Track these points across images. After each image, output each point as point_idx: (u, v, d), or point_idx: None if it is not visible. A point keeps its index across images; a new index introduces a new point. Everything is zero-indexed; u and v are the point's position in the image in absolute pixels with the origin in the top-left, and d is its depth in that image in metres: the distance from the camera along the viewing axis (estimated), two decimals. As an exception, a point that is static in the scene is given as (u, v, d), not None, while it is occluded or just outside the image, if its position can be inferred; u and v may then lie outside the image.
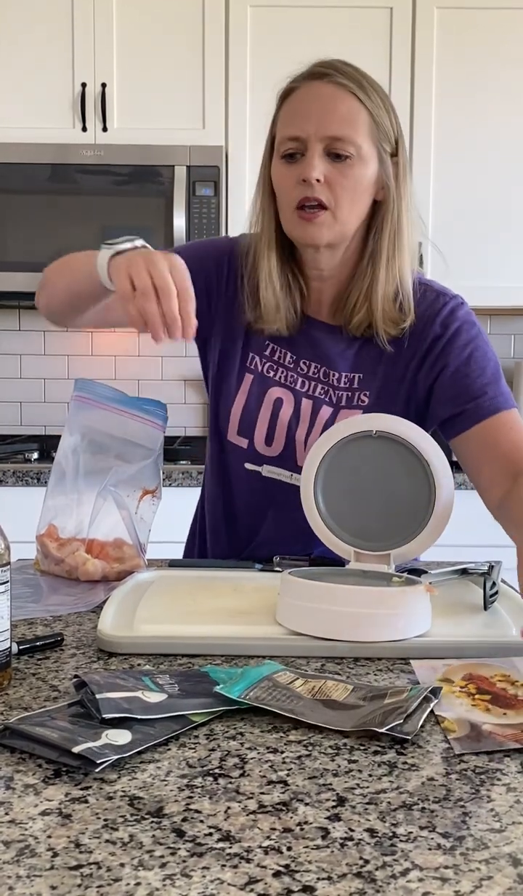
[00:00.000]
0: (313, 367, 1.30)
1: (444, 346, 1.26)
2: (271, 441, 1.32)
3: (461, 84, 2.79)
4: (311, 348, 1.31)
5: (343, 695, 0.79)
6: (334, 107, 1.19)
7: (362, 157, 1.20)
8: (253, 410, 1.32)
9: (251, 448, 1.33)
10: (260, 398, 1.32)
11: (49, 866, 0.53)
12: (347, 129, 1.18)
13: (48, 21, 2.75)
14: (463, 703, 0.79)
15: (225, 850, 0.55)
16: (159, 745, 0.70)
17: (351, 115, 1.19)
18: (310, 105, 1.20)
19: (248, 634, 0.96)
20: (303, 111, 1.20)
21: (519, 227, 2.83)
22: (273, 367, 1.32)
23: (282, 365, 1.32)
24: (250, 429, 1.32)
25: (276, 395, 1.32)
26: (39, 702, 0.80)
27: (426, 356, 1.27)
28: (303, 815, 0.60)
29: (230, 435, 1.34)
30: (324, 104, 1.20)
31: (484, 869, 0.53)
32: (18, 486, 2.55)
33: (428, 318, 1.26)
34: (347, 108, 1.19)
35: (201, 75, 2.76)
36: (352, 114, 1.19)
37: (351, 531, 1.15)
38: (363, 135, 1.20)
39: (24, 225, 2.74)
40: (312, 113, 1.19)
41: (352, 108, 1.20)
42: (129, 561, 1.26)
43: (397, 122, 1.25)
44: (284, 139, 1.21)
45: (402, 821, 0.59)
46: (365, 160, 1.20)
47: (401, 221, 1.25)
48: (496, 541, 2.75)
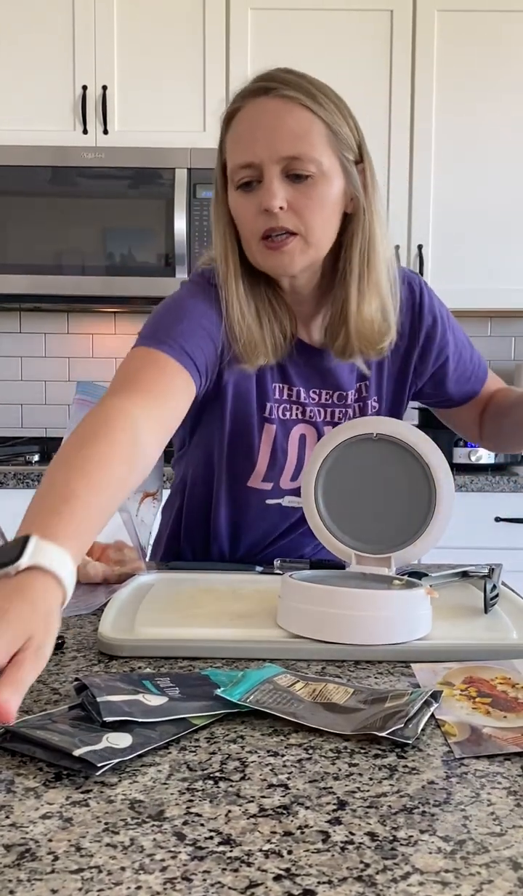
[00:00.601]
0: (325, 394, 1.28)
1: (440, 333, 1.30)
2: (296, 477, 1.29)
3: (461, 86, 2.80)
4: (318, 376, 1.27)
5: (343, 698, 0.79)
6: (284, 123, 1.08)
7: (325, 174, 1.10)
8: (279, 458, 1.28)
9: (275, 487, 1.29)
10: (284, 443, 1.28)
11: (50, 870, 0.53)
12: (303, 146, 1.08)
13: (49, 24, 2.76)
14: (464, 706, 0.79)
15: (225, 854, 0.55)
16: (160, 749, 0.70)
17: (304, 130, 1.08)
18: (258, 125, 1.09)
19: (249, 637, 0.96)
20: (251, 133, 1.10)
21: (520, 229, 2.83)
22: (288, 406, 1.27)
23: (296, 402, 1.27)
24: (277, 474, 1.28)
25: (299, 433, 1.28)
26: (40, 705, 0.80)
27: (426, 346, 1.29)
28: (303, 818, 0.60)
29: (252, 482, 1.28)
30: (272, 122, 1.08)
31: (485, 873, 0.53)
32: (19, 489, 2.55)
33: (416, 309, 1.28)
34: (298, 123, 1.08)
35: (202, 77, 2.76)
36: (305, 128, 1.08)
37: (351, 534, 1.15)
38: (321, 148, 1.09)
39: (24, 227, 2.75)
40: (261, 134, 1.08)
41: (304, 121, 1.08)
42: (129, 563, 1.26)
43: (357, 126, 1.15)
44: (236, 167, 1.11)
45: (403, 824, 0.59)
46: (328, 176, 1.11)
47: (374, 233, 1.16)
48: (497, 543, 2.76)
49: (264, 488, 1.29)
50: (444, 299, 1.36)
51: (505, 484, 2.61)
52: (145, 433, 0.99)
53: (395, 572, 1.12)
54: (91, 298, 2.80)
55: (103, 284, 2.76)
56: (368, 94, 2.73)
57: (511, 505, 2.63)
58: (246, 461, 1.28)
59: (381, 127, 2.77)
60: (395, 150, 2.79)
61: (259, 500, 1.30)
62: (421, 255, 2.80)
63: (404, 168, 2.81)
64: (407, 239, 2.82)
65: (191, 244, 2.73)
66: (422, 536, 1.13)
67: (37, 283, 2.77)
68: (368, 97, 2.72)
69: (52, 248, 2.76)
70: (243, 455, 1.28)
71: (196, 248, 2.73)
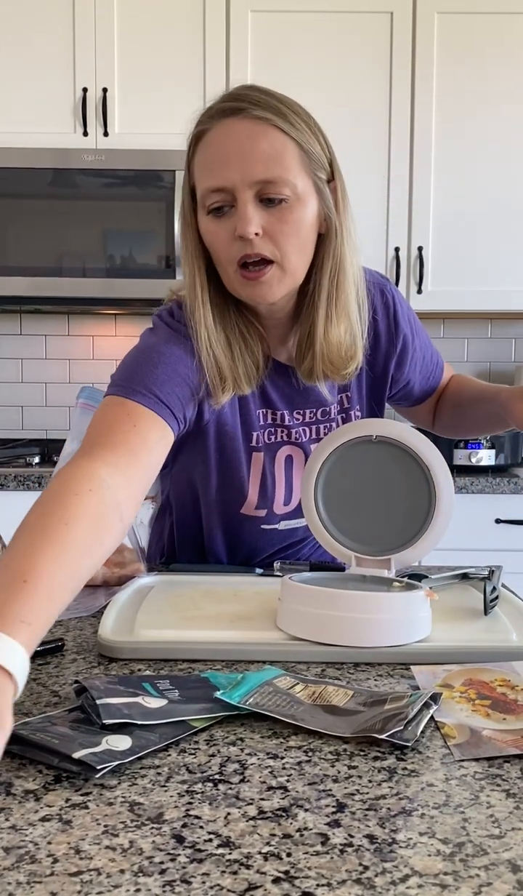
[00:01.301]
0: (308, 413, 1.26)
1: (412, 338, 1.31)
2: (289, 500, 1.28)
3: (461, 88, 2.80)
4: (299, 395, 1.24)
5: (343, 700, 0.79)
6: (256, 146, 1.04)
7: (299, 197, 1.06)
8: (269, 485, 1.25)
9: (269, 513, 1.27)
10: (272, 468, 1.25)
11: (49, 872, 0.53)
12: (277, 170, 1.04)
13: (50, 26, 2.76)
14: (464, 708, 0.79)
15: (224, 857, 0.55)
16: (159, 751, 0.70)
17: (277, 152, 1.04)
18: (228, 148, 1.05)
19: (249, 640, 0.96)
20: (222, 157, 1.05)
21: (520, 231, 2.84)
22: (273, 430, 1.25)
23: (280, 425, 1.25)
24: (269, 500, 1.26)
25: (286, 455, 1.26)
26: (40, 707, 0.80)
27: (402, 352, 1.30)
28: (302, 821, 0.60)
29: (245, 510, 1.27)
30: (243, 145, 1.04)
31: (484, 875, 0.53)
32: (20, 491, 2.55)
33: (391, 317, 1.27)
34: (271, 145, 1.04)
35: (202, 80, 2.77)
36: (277, 150, 1.04)
37: (351, 536, 1.15)
38: (295, 170, 1.05)
39: (25, 229, 2.75)
40: (232, 157, 1.04)
41: (277, 143, 1.04)
42: (129, 566, 1.26)
43: (327, 142, 1.11)
44: (207, 192, 1.06)
45: (402, 827, 0.59)
46: (302, 199, 1.07)
47: (344, 255, 1.12)
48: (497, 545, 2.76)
49: (258, 515, 1.27)
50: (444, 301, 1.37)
51: (506, 486, 2.61)
52: (117, 492, 0.93)
53: (395, 574, 1.12)
54: (91, 300, 2.81)
55: (104, 286, 2.77)
56: (368, 96, 2.73)
57: (511, 507, 2.63)
58: (237, 493, 1.25)
59: (381, 129, 2.77)
60: (395, 152, 2.79)
61: (254, 525, 1.29)
62: (421, 258, 2.80)
63: (404, 170, 2.81)
64: (407, 241, 2.82)
65: (191, 246, 2.73)
66: (422, 538, 1.13)
67: (37, 285, 2.77)
68: (368, 99, 2.72)
69: (52, 249, 2.76)
70: (233, 487, 1.25)
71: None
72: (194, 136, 1.10)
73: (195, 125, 1.10)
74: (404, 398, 1.41)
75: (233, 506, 1.26)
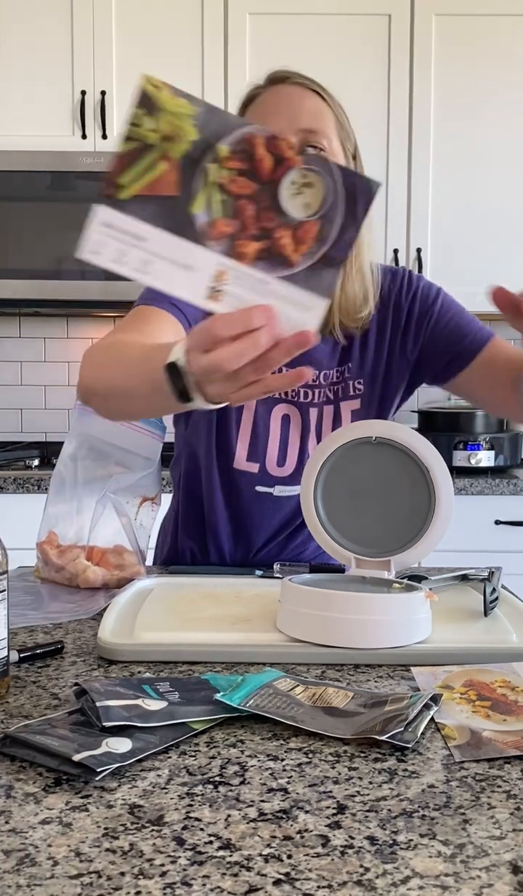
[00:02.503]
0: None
1: (422, 305, 1.33)
2: (283, 462, 1.31)
3: (459, 90, 2.80)
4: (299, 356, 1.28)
5: (343, 702, 0.79)
6: (302, 103, 1.22)
7: (334, 151, 1.22)
8: (261, 434, 1.30)
9: (262, 471, 1.31)
10: (266, 420, 1.30)
11: (49, 875, 0.53)
12: (318, 123, 1.21)
13: (48, 29, 2.76)
14: (464, 709, 0.79)
15: (225, 859, 0.55)
16: (159, 753, 0.70)
17: (319, 111, 1.22)
18: (279, 103, 1.22)
19: (249, 641, 0.96)
20: (273, 109, 1.22)
21: (519, 232, 2.84)
22: None
23: None
24: (261, 453, 1.30)
25: (282, 413, 1.31)
26: (40, 710, 0.80)
27: (408, 322, 1.32)
28: (303, 822, 0.60)
29: (238, 463, 1.31)
30: (292, 101, 1.22)
31: (485, 876, 0.53)
32: (19, 493, 2.55)
33: (398, 291, 1.33)
34: (315, 105, 1.22)
35: (200, 82, 2.77)
36: (319, 110, 1.22)
37: (351, 537, 1.15)
38: (331, 131, 1.22)
39: (23, 233, 2.75)
40: (282, 110, 1.21)
41: (319, 105, 1.23)
42: (129, 568, 1.26)
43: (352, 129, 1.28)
44: None
45: (403, 828, 0.59)
46: (337, 156, 1.23)
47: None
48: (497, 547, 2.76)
49: (251, 471, 1.31)
50: (443, 302, 1.37)
51: (505, 487, 2.61)
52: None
53: (395, 576, 1.12)
54: (91, 303, 2.81)
55: (103, 289, 2.77)
56: (366, 98, 2.73)
57: (511, 508, 2.62)
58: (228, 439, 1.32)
59: (380, 131, 2.77)
60: (394, 153, 2.80)
61: (249, 485, 1.32)
62: (419, 259, 2.80)
63: (402, 172, 2.81)
64: (406, 242, 2.82)
65: (190, 248, 2.73)
66: (422, 540, 1.13)
67: (36, 288, 2.77)
68: (366, 101, 2.72)
69: (51, 252, 2.76)
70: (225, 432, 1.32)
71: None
72: (246, 99, 1.26)
73: (245, 93, 1.26)
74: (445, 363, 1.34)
75: (227, 460, 1.32)
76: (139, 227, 0.77)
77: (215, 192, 0.77)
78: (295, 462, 1.31)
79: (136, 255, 0.77)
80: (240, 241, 0.77)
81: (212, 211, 0.77)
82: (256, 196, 0.77)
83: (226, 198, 0.77)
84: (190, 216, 0.77)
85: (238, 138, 0.76)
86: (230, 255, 0.77)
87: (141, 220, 0.76)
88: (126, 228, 0.76)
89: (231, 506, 1.36)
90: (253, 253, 0.77)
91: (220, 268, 0.77)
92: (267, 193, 0.77)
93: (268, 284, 0.78)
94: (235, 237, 0.77)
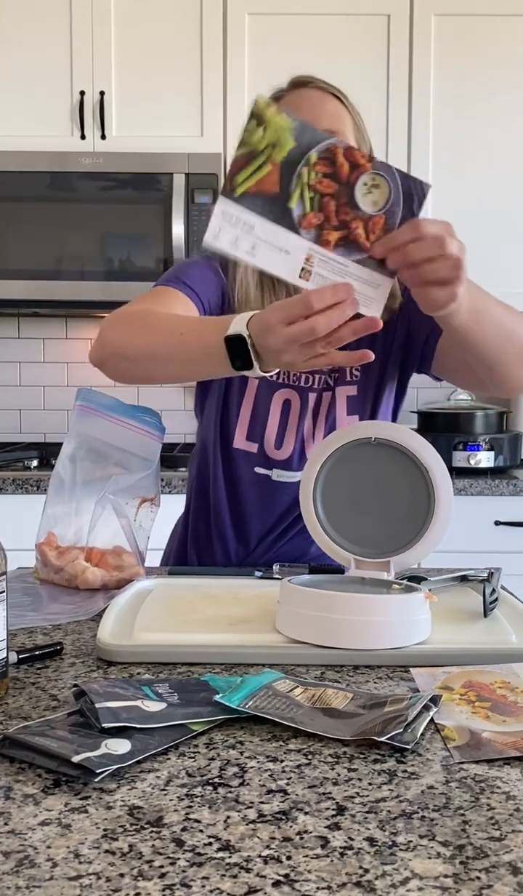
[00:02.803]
0: None
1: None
2: (280, 444, 1.35)
3: (459, 90, 2.80)
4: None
5: (343, 703, 0.79)
6: (323, 106, 1.28)
7: None
8: (261, 415, 1.35)
9: (261, 452, 1.35)
10: (267, 402, 1.35)
11: (48, 877, 0.53)
12: (338, 124, 1.27)
13: (46, 29, 2.76)
14: (463, 710, 0.79)
15: (224, 860, 0.55)
16: (159, 755, 0.70)
17: (338, 114, 1.29)
18: (301, 105, 1.26)
19: (248, 643, 0.96)
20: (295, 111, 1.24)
21: (518, 233, 2.84)
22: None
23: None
24: (260, 433, 1.35)
25: (284, 398, 1.35)
26: (39, 711, 0.79)
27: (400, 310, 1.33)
28: (302, 824, 0.59)
29: (237, 442, 1.36)
30: (313, 104, 1.28)
31: (484, 878, 0.53)
32: (18, 494, 2.55)
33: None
34: (334, 108, 1.29)
35: (199, 83, 2.77)
36: (339, 113, 1.29)
37: (350, 538, 1.15)
38: (350, 132, 1.29)
39: (22, 233, 2.75)
40: (304, 112, 1.22)
41: (339, 109, 1.30)
42: (128, 569, 1.26)
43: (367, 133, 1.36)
44: None
45: (402, 829, 0.59)
46: None
47: None
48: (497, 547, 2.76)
49: (249, 450, 1.35)
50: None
51: (505, 487, 2.61)
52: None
53: (394, 576, 1.12)
54: (89, 303, 2.80)
55: (102, 289, 2.77)
56: (366, 98, 2.71)
57: (510, 509, 2.62)
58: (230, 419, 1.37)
59: (379, 131, 2.77)
60: (393, 154, 2.79)
61: (249, 466, 1.36)
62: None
63: (402, 172, 2.81)
64: (405, 243, 2.82)
65: (189, 249, 2.73)
66: (421, 541, 1.13)
67: (35, 289, 2.77)
68: (366, 101, 2.70)
69: (50, 253, 2.76)
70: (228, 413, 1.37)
71: (194, 252, 2.73)
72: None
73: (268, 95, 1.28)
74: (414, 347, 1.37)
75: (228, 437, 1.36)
76: (249, 217, 0.94)
77: (307, 190, 0.95)
78: (292, 446, 1.35)
79: (247, 241, 0.94)
80: (325, 230, 0.95)
81: (305, 205, 0.95)
82: (337, 194, 0.95)
83: (315, 195, 0.95)
84: (288, 209, 0.94)
85: (324, 147, 0.95)
86: (317, 242, 0.95)
87: (251, 212, 0.93)
88: (240, 218, 0.94)
89: (231, 489, 1.40)
90: (334, 240, 0.95)
91: (310, 252, 0.95)
92: (345, 192, 0.95)
93: (346, 266, 0.96)
94: (321, 227, 0.95)
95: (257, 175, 0.94)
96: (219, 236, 0.93)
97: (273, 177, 0.94)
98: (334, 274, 0.95)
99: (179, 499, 2.24)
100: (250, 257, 0.94)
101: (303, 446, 1.36)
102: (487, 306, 1.11)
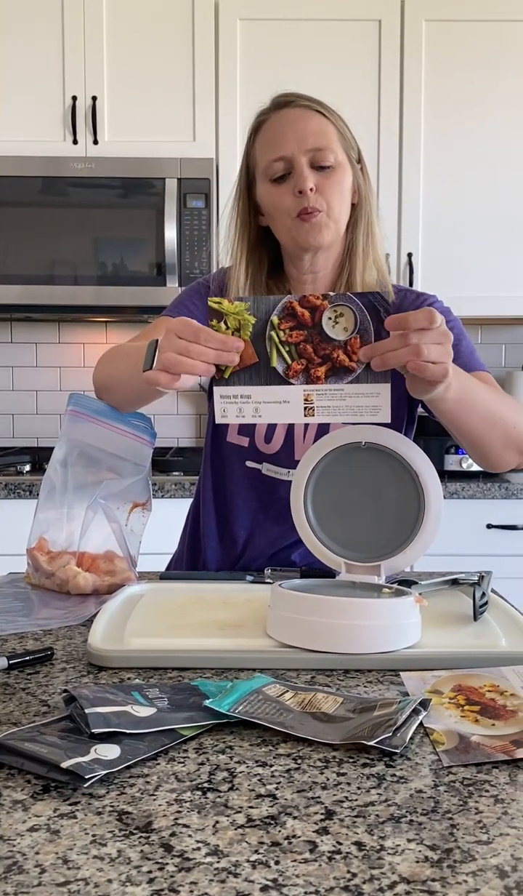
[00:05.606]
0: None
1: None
2: (270, 439, 1.36)
3: (450, 95, 2.81)
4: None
5: (332, 707, 0.79)
6: (307, 125, 1.31)
7: (341, 164, 1.32)
8: None
9: (252, 446, 1.37)
10: None
11: (36, 883, 0.53)
12: (323, 141, 1.30)
13: (38, 34, 2.76)
14: (453, 714, 0.79)
15: (213, 865, 0.55)
16: (148, 760, 0.70)
17: (322, 130, 1.31)
18: (286, 128, 1.31)
19: (239, 647, 0.96)
20: (281, 134, 1.31)
21: (510, 237, 2.85)
22: None
23: None
24: (251, 427, 1.37)
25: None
26: (29, 717, 0.79)
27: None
28: (291, 828, 0.60)
29: (230, 436, 1.38)
30: (297, 124, 1.31)
31: (472, 881, 0.53)
32: (10, 499, 2.55)
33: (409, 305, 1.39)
34: (318, 124, 1.32)
35: (191, 88, 2.77)
36: (323, 128, 1.32)
37: (341, 542, 1.16)
38: (336, 145, 1.32)
39: (15, 238, 2.75)
40: (289, 133, 1.31)
41: (322, 124, 1.32)
42: (119, 574, 1.26)
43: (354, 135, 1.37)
44: (270, 163, 1.31)
45: (390, 833, 0.59)
46: (343, 167, 1.32)
47: (372, 217, 1.38)
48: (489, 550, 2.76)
49: (241, 444, 1.37)
50: (435, 308, 1.37)
51: (497, 491, 2.62)
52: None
53: (385, 580, 1.12)
54: (82, 308, 2.80)
55: (95, 294, 2.77)
56: (357, 103, 2.74)
57: (502, 512, 2.63)
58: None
59: (370, 136, 2.78)
60: (384, 158, 2.80)
61: (239, 460, 1.38)
62: (410, 264, 2.81)
63: (393, 176, 2.82)
64: (396, 247, 2.82)
65: (181, 253, 2.73)
66: (412, 545, 1.13)
67: (28, 293, 2.77)
68: (357, 106, 2.73)
69: (43, 257, 2.76)
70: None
71: (186, 256, 2.73)
72: (254, 126, 1.36)
73: (254, 120, 1.36)
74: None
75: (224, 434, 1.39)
76: (243, 390, 1.07)
77: (282, 347, 1.06)
78: (281, 440, 1.36)
79: (250, 407, 1.08)
80: (312, 369, 1.06)
81: (285, 360, 1.07)
82: (309, 338, 1.06)
83: (291, 347, 1.06)
84: (273, 369, 1.06)
85: (280, 308, 1.06)
86: (309, 382, 1.06)
87: (243, 386, 1.07)
88: (236, 394, 1.07)
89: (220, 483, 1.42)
90: (323, 374, 1.06)
91: (306, 393, 1.07)
92: (315, 333, 1.06)
93: (343, 390, 1.06)
94: (307, 369, 1.06)
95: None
96: (226, 414, 1.08)
97: (249, 351, 1.05)
98: (335, 400, 1.06)
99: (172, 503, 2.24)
100: (258, 419, 1.08)
101: (293, 441, 1.36)
102: (473, 392, 1.15)
